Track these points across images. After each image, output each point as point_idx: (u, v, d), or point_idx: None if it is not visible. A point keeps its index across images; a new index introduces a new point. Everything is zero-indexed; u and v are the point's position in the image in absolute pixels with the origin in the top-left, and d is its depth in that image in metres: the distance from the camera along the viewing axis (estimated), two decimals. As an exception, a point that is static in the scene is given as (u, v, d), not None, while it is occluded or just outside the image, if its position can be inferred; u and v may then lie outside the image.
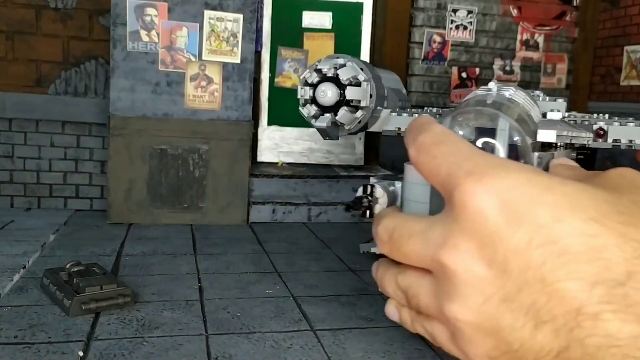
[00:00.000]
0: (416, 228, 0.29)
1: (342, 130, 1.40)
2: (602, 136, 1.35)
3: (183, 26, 3.05)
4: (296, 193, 3.40)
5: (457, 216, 0.26)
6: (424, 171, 0.30)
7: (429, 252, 0.28)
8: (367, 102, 1.34)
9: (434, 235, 0.28)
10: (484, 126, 0.46)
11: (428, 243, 0.28)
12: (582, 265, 0.24)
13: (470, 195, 0.26)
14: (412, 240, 0.29)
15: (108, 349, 1.52)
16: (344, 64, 1.34)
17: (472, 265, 0.26)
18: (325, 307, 1.92)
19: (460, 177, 0.27)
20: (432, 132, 0.30)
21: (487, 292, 0.26)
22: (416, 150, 0.30)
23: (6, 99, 3.21)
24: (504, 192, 0.26)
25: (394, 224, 0.31)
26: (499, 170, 0.26)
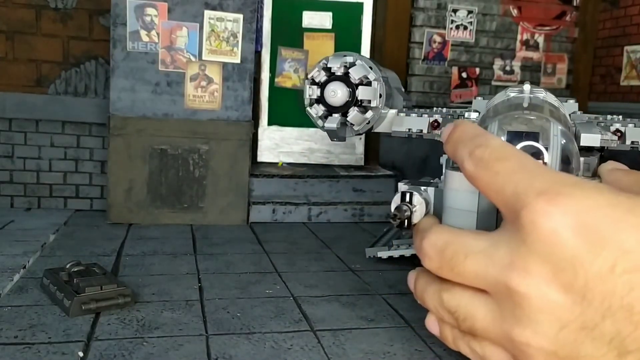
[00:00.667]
0: (474, 247, 0.28)
1: (350, 131, 1.39)
2: (620, 138, 1.33)
3: (183, 26, 3.05)
4: (296, 193, 3.40)
5: (527, 237, 0.25)
6: (484, 187, 0.28)
7: (492, 273, 0.26)
8: (377, 102, 1.33)
9: (498, 256, 0.26)
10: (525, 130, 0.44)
11: (490, 264, 0.26)
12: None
13: (543, 216, 0.24)
14: (470, 260, 0.28)
15: (108, 349, 1.52)
16: (354, 62, 1.32)
17: (547, 290, 0.24)
18: (325, 307, 1.92)
19: (531, 197, 0.25)
20: (492, 146, 0.28)
21: (564, 319, 0.24)
22: (474, 165, 0.28)
23: (6, 99, 3.21)
24: (582, 214, 0.24)
25: (444, 240, 0.29)
26: (573, 190, 0.24)
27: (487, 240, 0.27)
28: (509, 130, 0.44)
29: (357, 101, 1.32)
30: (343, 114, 1.33)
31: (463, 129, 0.31)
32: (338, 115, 1.34)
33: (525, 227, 0.25)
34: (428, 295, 0.32)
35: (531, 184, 0.25)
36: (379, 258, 2.41)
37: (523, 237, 0.25)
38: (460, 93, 4.01)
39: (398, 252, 2.36)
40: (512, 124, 0.44)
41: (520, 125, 0.44)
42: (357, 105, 1.33)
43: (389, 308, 1.92)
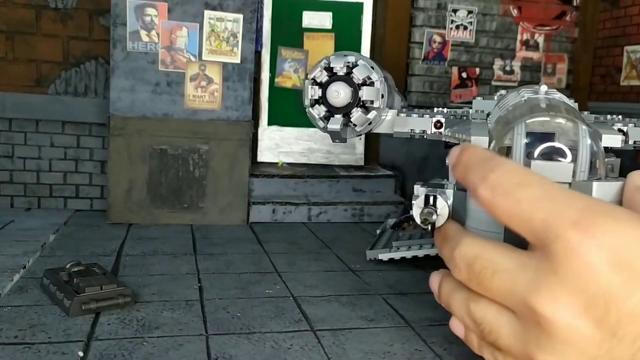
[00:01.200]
0: (503, 265, 0.27)
1: (352, 132, 1.38)
2: None
3: (183, 26, 3.05)
4: (296, 193, 3.40)
5: (559, 268, 0.24)
6: (504, 215, 0.27)
7: (518, 294, 0.26)
8: (380, 103, 1.32)
9: (525, 278, 0.25)
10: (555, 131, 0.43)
11: (517, 285, 0.26)
12: None
13: (577, 248, 0.23)
14: (497, 277, 0.27)
15: (108, 349, 1.52)
16: (356, 62, 1.31)
17: (576, 322, 0.24)
18: (325, 307, 1.92)
19: (563, 227, 0.24)
20: (509, 171, 0.27)
21: (590, 353, 0.24)
22: (490, 192, 0.27)
23: (6, 99, 3.21)
24: (619, 248, 0.23)
25: (474, 253, 0.28)
26: (608, 221, 0.24)
27: (516, 260, 0.27)
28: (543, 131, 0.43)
29: (359, 102, 1.31)
30: (345, 114, 1.33)
31: (472, 152, 0.30)
32: (340, 116, 1.33)
33: (557, 258, 0.24)
34: (455, 302, 0.31)
35: (562, 213, 0.24)
36: (380, 260, 2.41)
37: (554, 267, 0.24)
38: (460, 93, 4.01)
39: (399, 254, 2.36)
40: (542, 125, 0.44)
41: (552, 126, 0.44)
42: (360, 105, 1.32)
43: (389, 308, 1.92)
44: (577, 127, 0.43)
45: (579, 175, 0.42)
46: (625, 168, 2.77)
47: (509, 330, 0.27)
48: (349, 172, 3.60)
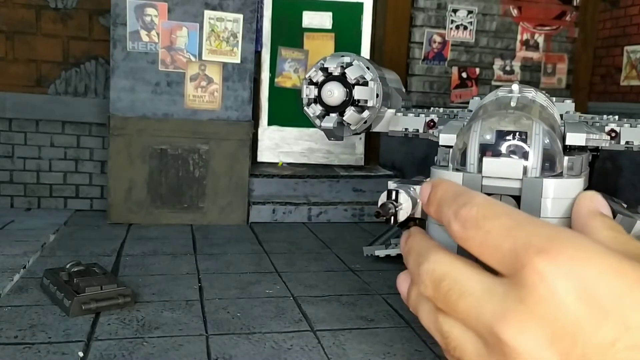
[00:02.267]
0: (470, 288, 0.27)
1: (347, 130, 1.39)
2: (614, 138, 1.34)
3: (183, 26, 3.05)
4: (296, 193, 3.40)
5: (526, 297, 0.24)
6: (475, 248, 0.27)
7: (484, 321, 0.26)
8: (374, 102, 1.33)
9: (492, 305, 0.25)
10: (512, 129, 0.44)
11: (483, 311, 0.26)
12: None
13: (544, 277, 0.23)
14: (463, 301, 0.27)
15: (108, 349, 1.52)
16: (350, 62, 1.33)
17: (542, 353, 0.23)
18: (325, 307, 1.92)
19: (530, 255, 0.24)
20: (478, 204, 0.27)
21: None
22: (462, 226, 0.27)
23: (6, 99, 3.21)
24: (586, 280, 0.23)
25: (442, 272, 0.28)
26: (576, 250, 0.24)
27: (484, 284, 0.26)
28: (497, 129, 0.44)
29: (353, 101, 1.32)
30: (340, 113, 1.34)
31: (444, 188, 0.30)
32: (335, 114, 1.34)
33: (524, 286, 0.24)
34: (423, 310, 0.31)
35: (530, 241, 0.24)
36: (377, 257, 2.41)
37: (521, 296, 0.24)
38: (460, 93, 4.01)
39: (395, 250, 2.37)
40: (498, 123, 0.44)
41: (506, 124, 0.45)
42: (354, 104, 1.33)
43: (389, 308, 1.93)
44: (532, 126, 0.44)
45: (531, 172, 0.42)
46: (624, 168, 2.75)
47: (474, 350, 0.27)
48: (349, 172, 3.60)
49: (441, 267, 0.28)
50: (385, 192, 0.67)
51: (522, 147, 0.43)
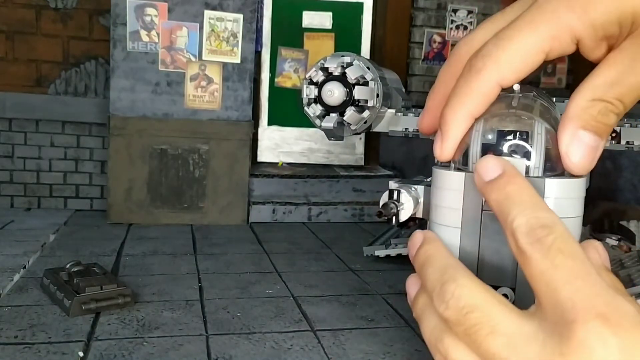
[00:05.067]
0: (503, 328, 0.26)
1: (347, 130, 1.39)
2: (614, 138, 1.34)
3: (183, 26, 3.05)
4: (296, 193, 3.40)
5: (568, 352, 0.23)
6: (530, 270, 0.26)
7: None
8: (374, 102, 1.34)
9: (528, 352, 0.24)
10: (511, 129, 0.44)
11: (517, 356, 0.25)
12: None
13: (596, 342, 0.23)
14: (492, 339, 0.26)
15: (108, 349, 1.52)
16: (351, 62, 1.33)
17: None
18: (325, 307, 1.92)
19: (590, 315, 0.23)
20: (557, 233, 0.26)
21: None
22: (531, 242, 0.26)
23: (6, 99, 3.21)
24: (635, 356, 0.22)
25: (474, 303, 0.27)
26: (635, 327, 0.23)
27: (519, 326, 0.26)
28: (498, 129, 0.44)
29: (353, 101, 1.33)
30: (340, 113, 1.34)
31: (519, 185, 0.29)
32: (335, 114, 1.35)
33: (570, 342, 0.24)
34: (428, 323, 0.30)
35: (592, 300, 0.24)
36: (377, 257, 2.41)
37: (563, 351, 0.24)
38: (460, 93, 4.01)
39: (395, 250, 2.37)
40: (500, 122, 0.44)
41: (508, 124, 0.45)
42: (354, 104, 1.33)
43: (389, 308, 1.92)
44: (534, 125, 0.44)
45: (533, 171, 0.42)
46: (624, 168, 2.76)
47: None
48: (349, 172, 3.60)
49: (471, 296, 0.27)
50: (386, 192, 0.67)
51: (524, 146, 0.43)
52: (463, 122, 0.34)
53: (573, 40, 0.33)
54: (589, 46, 0.33)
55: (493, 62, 0.32)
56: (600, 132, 0.32)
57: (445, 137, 0.36)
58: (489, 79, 0.31)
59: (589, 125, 0.31)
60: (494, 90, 0.34)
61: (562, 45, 0.32)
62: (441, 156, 0.37)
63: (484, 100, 0.34)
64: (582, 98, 0.33)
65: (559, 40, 0.32)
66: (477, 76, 0.32)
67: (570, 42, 0.32)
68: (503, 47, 0.31)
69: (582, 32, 0.32)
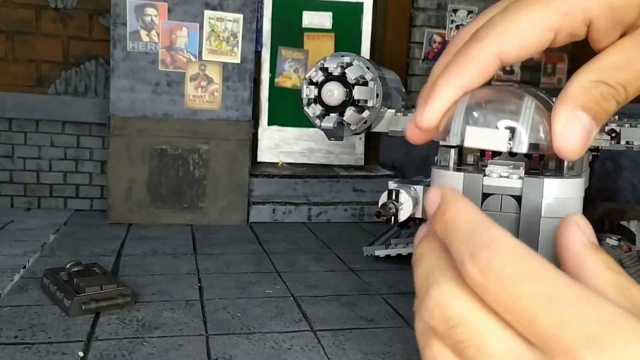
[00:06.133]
0: (491, 348, 0.23)
1: (347, 130, 1.39)
2: (614, 137, 1.34)
3: (183, 26, 3.05)
4: (296, 193, 3.40)
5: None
6: (498, 305, 0.23)
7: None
8: (374, 102, 1.34)
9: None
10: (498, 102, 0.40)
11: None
12: None
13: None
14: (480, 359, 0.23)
15: (108, 349, 1.52)
16: (350, 62, 1.33)
17: None
18: (325, 307, 1.92)
19: (575, 343, 0.21)
20: (501, 253, 0.23)
21: None
22: (482, 275, 0.23)
23: (6, 99, 3.21)
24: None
25: (457, 315, 0.24)
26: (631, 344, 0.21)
27: (508, 348, 0.23)
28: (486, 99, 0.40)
29: (353, 101, 1.33)
30: (340, 113, 1.34)
31: (459, 211, 0.25)
32: (335, 114, 1.34)
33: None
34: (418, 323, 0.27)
35: (573, 324, 0.21)
36: (377, 257, 2.42)
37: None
38: (460, 93, 4.01)
39: (395, 250, 2.37)
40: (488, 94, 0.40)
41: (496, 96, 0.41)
42: (354, 104, 1.34)
43: (388, 308, 1.93)
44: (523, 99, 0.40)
45: (517, 146, 0.38)
46: (624, 168, 2.76)
47: None
48: (349, 172, 3.60)
49: (456, 307, 0.24)
50: (385, 192, 0.66)
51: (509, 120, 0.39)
52: (453, 91, 0.32)
53: (586, 21, 0.31)
54: (600, 31, 0.31)
55: (497, 33, 0.30)
56: (598, 117, 0.30)
57: (430, 101, 0.32)
58: (489, 49, 0.29)
59: (589, 107, 0.29)
60: (493, 63, 0.31)
61: (572, 25, 0.30)
62: (419, 121, 0.33)
63: (480, 71, 0.31)
64: (585, 78, 0.31)
65: (570, 19, 0.30)
66: (477, 45, 0.30)
67: (582, 23, 0.31)
68: (510, 18, 0.29)
69: (598, 12, 0.30)
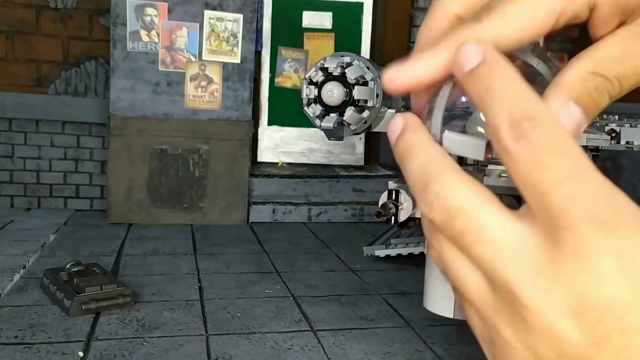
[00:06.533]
0: (491, 234, 0.23)
1: (347, 130, 1.40)
2: (614, 137, 1.34)
3: (183, 26, 3.05)
4: (296, 193, 3.40)
5: (561, 260, 0.21)
6: (518, 170, 0.23)
7: (503, 276, 0.23)
8: (374, 102, 1.34)
9: (518, 263, 0.23)
10: None
11: (505, 266, 0.23)
12: None
13: (592, 249, 0.21)
14: (480, 247, 0.24)
15: (108, 349, 1.52)
16: (350, 62, 1.33)
17: (561, 322, 0.21)
18: (325, 307, 1.92)
19: (584, 220, 0.21)
20: (545, 127, 0.23)
21: (564, 352, 0.22)
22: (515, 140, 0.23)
23: (6, 99, 3.21)
24: (636, 262, 0.21)
25: (458, 205, 0.24)
26: (634, 229, 0.21)
27: (509, 232, 0.23)
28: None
29: (353, 101, 1.33)
30: (340, 113, 1.35)
31: (503, 76, 0.25)
32: (335, 114, 1.35)
33: (563, 249, 0.22)
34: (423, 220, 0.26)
35: (585, 202, 0.22)
36: (377, 257, 2.42)
37: (555, 257, 0.22)
38: (460, 93, 4.01)
39: (395, 250, 2.37)
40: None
41: None
42: (354, 104, 1.34)
43: (389, 308, 1.93)
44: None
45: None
46: (624, 168, 2.76)
47: (479, 292, 0.25)
48: (349, 172, 3.60)
49: (458, 197, 0.24)
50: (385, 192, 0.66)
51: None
52: (435, 66, 0.28)
53: (590, 4, 0.29)
54: (602, 16, 0.30)
55: (497, 15, 0.28)
56: (589, 111, 0.28)
57: (407, 64, 0.29)
58: (486, 32, 0.27)
59: (581, 100, 0.28)
60: None
61: (576, 8, 0.29)
62: (388, 81, 0.30)
63: None
64: (582, 68, 0.29)
65: (574, 1, 0.29)
66: (474, 26, 0.28)
67: (586, 6, 0.29)
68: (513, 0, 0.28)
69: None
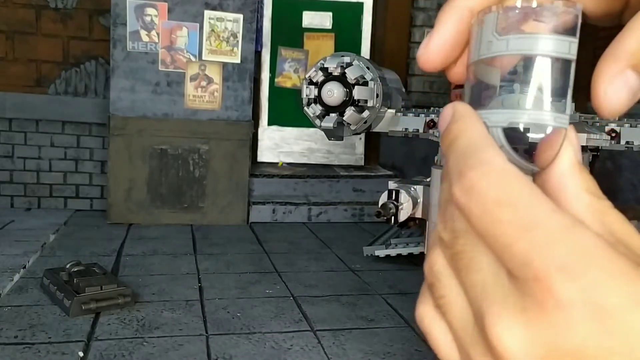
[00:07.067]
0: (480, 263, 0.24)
1: (347, 130, 1.40)
2: (614, 137, 1.34)
3: (183, 26, 3.05)
4: (296, 193, 3.40)
5: (531, 308, 0.21)
6: (478, 228, 0.23)
7: (481, 307, 0.23)
8: (374, 102, 1.34)
9: (493, 296, 0.23)
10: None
11: (484, 296, 0.23)
12: None
13: (560, 301, 0.21)
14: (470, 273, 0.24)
15: (108, 349, 1.52)
16: (350, 62, 1.33)
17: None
18: (325, 307, 1.92)
19: (548, 271, 0.21)
20: (491, 177, 0.23)
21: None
22: (466, 196, 0.23)
23: (6, 99, 3.21)
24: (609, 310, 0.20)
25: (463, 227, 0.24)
26: (604, 273, 0.21)
27: (493, 267, 0.23)
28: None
29: (353, 101, 1.33)
30: (340, 113, 1.34)
31: (462, 128, 0.25)
32: (335, 114, 1.35)
33: (532, 299, 0.21)
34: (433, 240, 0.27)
35: (547, 250, 0.21)
36: (377, 257, 2.42)
37: (525, 305, 0.22)
38: (460, 93, 4.00)
39: (395, 250, 2.37)
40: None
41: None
42: (354, 104, 1.34)
43: (389, 308, 1.93)
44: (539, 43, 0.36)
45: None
46: (624, 168, 2.76)
47: (460, 317, 0.25)
48: (349, 172, 3.60)
49: (462, 221, 0.24)
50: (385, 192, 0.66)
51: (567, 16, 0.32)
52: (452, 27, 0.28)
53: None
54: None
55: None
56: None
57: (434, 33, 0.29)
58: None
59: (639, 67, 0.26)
60: None
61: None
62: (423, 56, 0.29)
63: None
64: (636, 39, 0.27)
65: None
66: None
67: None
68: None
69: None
